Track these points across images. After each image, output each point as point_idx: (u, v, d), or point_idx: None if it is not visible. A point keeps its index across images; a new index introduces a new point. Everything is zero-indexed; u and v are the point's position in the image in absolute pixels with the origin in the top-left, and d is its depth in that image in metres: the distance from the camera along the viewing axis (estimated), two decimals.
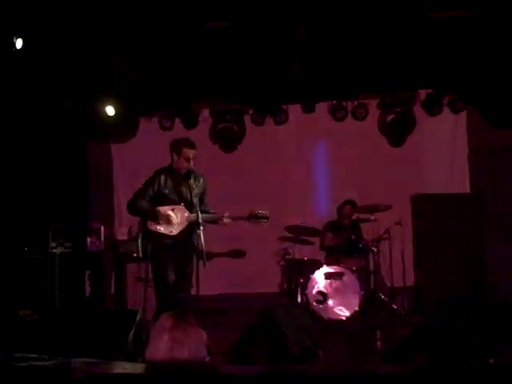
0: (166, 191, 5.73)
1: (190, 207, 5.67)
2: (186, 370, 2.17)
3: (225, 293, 8.72)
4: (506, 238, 8.35)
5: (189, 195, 5.66)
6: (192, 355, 2.18)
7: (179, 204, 5.72)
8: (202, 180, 5.88)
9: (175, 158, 5.77)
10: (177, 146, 5.77)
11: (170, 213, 5.65)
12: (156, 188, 5.73)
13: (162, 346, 2.18)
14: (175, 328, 2.20)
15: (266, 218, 5.85)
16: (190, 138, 5.96)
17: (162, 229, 5.69)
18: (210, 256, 6.16)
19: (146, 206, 5.70)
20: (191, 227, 5.63)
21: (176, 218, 5.66)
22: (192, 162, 5.74)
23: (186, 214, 5.68)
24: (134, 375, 2.32)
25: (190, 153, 5.72)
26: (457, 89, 8.43)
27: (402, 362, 4.50)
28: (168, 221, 5.65)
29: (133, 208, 5.79)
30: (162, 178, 5.75)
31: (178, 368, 2.16)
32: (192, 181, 5.69)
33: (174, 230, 5.68)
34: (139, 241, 5.84)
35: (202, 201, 5.83)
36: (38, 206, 8.10)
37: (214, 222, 5.83)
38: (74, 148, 8.76)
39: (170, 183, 5.75)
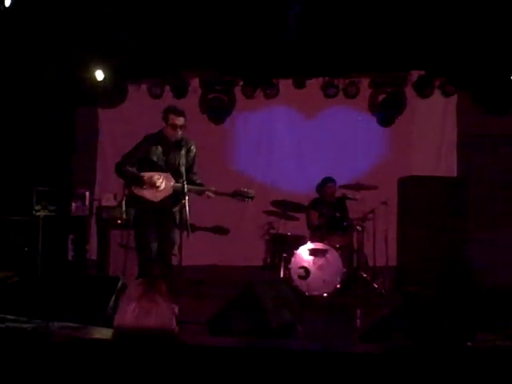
0: (154, 158, 5.69)
1: (176, 176, 5.62)
2: (150, 339, 2.18)
3: (208, 264, 8.74)
4: (488, 223, 8.42)
5: (176, 164, 5.64)
6: (158, 324, 2.19)
7: (166, 172, 5.68)
8: (192, 148, 5.84)
9: (164, 124, 5.72)
10: (164, 113, 5.72)
11: (155, 178, 5.59)
12: (145, 153, 5.69)
13: (129, 313, 2.19)
14: (143, 296, 2.21)
15: (251, 197, 5.85)
16: (179, 106, 5.90)
17: (146, 194, 5.63)
18: (194, 229, 6.14)
19: (133, 170, 5.66)
20: (175, 196, 5.61)
21: (161, 184, 5.61)
22: (179, 130, 5.68)
23: (172, 183, 5.64)
24: (105, 340, 2.33)
25: (176, 120, 5.65)
26: (449, 72, 8.41)
27: (379, 341, 4.54)
28: (153, 184, 5.59)
29: (120, 170, 5.74)
30: (152, 144, 5.71)
31: (143, 336, 2.17)
32: (183, 150, 5.64)
33: (158, 197, 5.64)
34: (123, 206, 5.82)
35: (190, 169, 5.79)
36: (24, 169, 8.03)
37: (199, 193, 5.81)
38: (62, 112, 8.66)
39: (159, 150, 5.70)
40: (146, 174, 5.63)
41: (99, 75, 7.94)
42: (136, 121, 8.47)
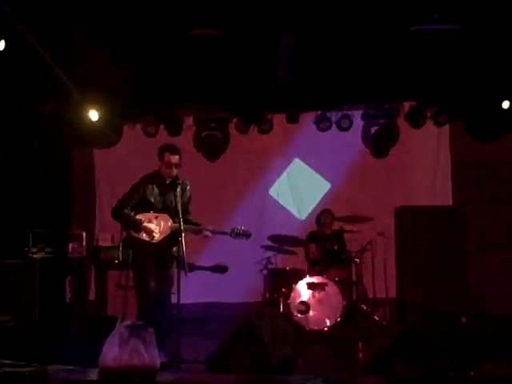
0: (151, 198, 5.71)
1: (173, 216, 5.63)
2: (132, 380, 2.22)
3: (206, 301, 8.67)
4: (487, 251, 8.41)
5: (173, 203, 5.62)
6: (139, 369, 2.22)
7: (163, 212, 5.70)
8: (188, 188, 5.87)
9: (159, 163, 5.75)
10: (160, 151, 5.76)
11: (152, 226, 5.64)
12: (141, 195, 5.71)
13: (111, 357, 2.24)
14: (125, 345, 2.24)
15: (248, 235, 5.87)
16: (175, 144, 5.94)
17: (144, 236, 5.67)
18: (192, 268, 6.12)
19: (130, 215, 5.68)
20: (173, 236, 5.61)
21: (158, 229, 5.65)
22: (174, 168, 5.70)
23: (170, 223, 5.66)
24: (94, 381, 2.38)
25: (172, 158, 5.67)
26: (441, 101, 8.49)
27: (382, 373, 4.50)
28: (149, 232, 5.64)
29: (117, 215, 5.78)
30: (148, 185, 5.73)
31: (125, 377, 2.21)
32: (178, 189, 5.64)
33: (156, 238, 5.67)
34: (120, 247, 5.85)
35: (185, 209, 5.79)
36: (20, 211, 8.02)
37: (196, 233, 5.82)
38: (58, 153, 8.68)
39: (156, 191, 5.72)
40: (144, 218, 5.65)
41: (93, 116, 7.98)
42: (132, 160, 8.49)
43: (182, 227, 5.41)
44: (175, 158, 5.68)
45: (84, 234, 8.22)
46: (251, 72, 7.44)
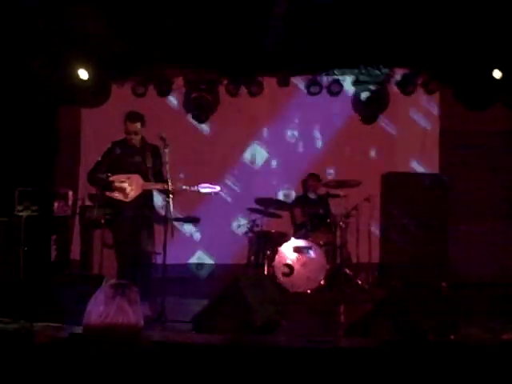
0: (121, 162, 5.96)
1: (145, 176, 5.91)
2: (116, 338, 2.24)
3: (191, 262, 8.73)
4: (469, 217, 8.50)
5: (143, 166, 5.93)
6: (124, 327, 2.24)
7: (134, 173, 5.93)
8: (157, 152, 6.01)
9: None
10: (124, 119, 6.00)
11: (124, 185, 5.90)
12: (112, 159, 5.98)
13: (95, 316, 2.26)
14: (110, 304, 2.26)
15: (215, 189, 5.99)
16: (137, 111, 6.09)
17: (118, 196, 5.92)
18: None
19: (101, 177, 5.92)
20: (147, 194, 5.98)
21: (130, 188, 5.90)
22: (134, 136, 5.96)
23: (141, 182, 5.91)
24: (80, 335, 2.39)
25: (129, 126, 5.95)
26: (431, 69, 8.47)
27: (363, 336, 4.58)
28: (123, 190, 5.89)
29: (90, 178, 6.12)
30: (117, 149, 6.01)
31: (109, 335, 2.24)
32: (148, 154, 5.95)
33: (130, 196, 5.90)
34: (98, 208, 6.13)
35: (158, 172, 5.98)
36: (5, 169, 7.94)
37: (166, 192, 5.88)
38: (44, 111, 8.57)
39: (125, 155, 5.99)
40: (116, 179, 5.91)
41: (83, 74, 7.88)
42: (119, 120, 8.40)
43: (170, 189, 5.56)
44: (133, 126, 5.93)
45: (70, 193, 8.20)
46: (242, 34, 7.35)
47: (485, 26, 6.93)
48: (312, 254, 7.28)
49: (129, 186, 5.90)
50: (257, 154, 9.06)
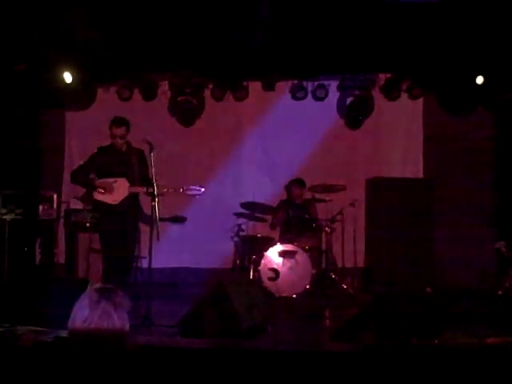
0: (107, 167, 6.05)
1: (131, 180, 6.00)
2: (101, 343, 2.24)
3: (177, 266, 8.70)
4: (454, 222, 8.56)
5: (129, 170, 6.01)
6: (109, 333, 2.24)
7: (121, 177, 6.01)
8: (142, 156, 6.08)
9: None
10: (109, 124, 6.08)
11: (110, 187, 5.98)
12: (97, 164, 6.09)
13: (80, 320, 2.25)
14: (95, 308, 2.25)
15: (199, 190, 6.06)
16: (122, 116, 6.18)
17: (105, 199, 5.97)
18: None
19: (84, 177, 6.07)
20: (133, 197, 6.04)
21: (117, 191, 5.97)
22: (119, 140, 6.03)
23: (127, 186, 5.99)
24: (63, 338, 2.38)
25: (114, 130, 6.02)
26: (415, 75, 8.54)
27: (348, 341, 4.60)
28: (109, 186, 5.96)
29: (73, 178, 6.26)
30: (103, 154, 6.10)
31: (94, 340, 2.23)
32: (134, 158, 6.04)
33: (117, 199, 5.97)
34: (84, 211, 6.21)
35: (145, 176, 6.03)
36: None
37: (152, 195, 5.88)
38: (28, 114, 8.52)
39: (111, 159, 6.07)
40: (103, 181, 6.01)
41: (68, 77, 7.85)
42: (104, 124, 8.36)
43: (156, 192, 5.56)
44: (118, 131, 6.01)
45: (55, 196, 8.17)
46: (228, 38, 7.36)
47: (467, 33, 7.00)
48: (298, 258, 7.30)
49: (115, 190, 5.95)
50: (242, 158, 9.06)
